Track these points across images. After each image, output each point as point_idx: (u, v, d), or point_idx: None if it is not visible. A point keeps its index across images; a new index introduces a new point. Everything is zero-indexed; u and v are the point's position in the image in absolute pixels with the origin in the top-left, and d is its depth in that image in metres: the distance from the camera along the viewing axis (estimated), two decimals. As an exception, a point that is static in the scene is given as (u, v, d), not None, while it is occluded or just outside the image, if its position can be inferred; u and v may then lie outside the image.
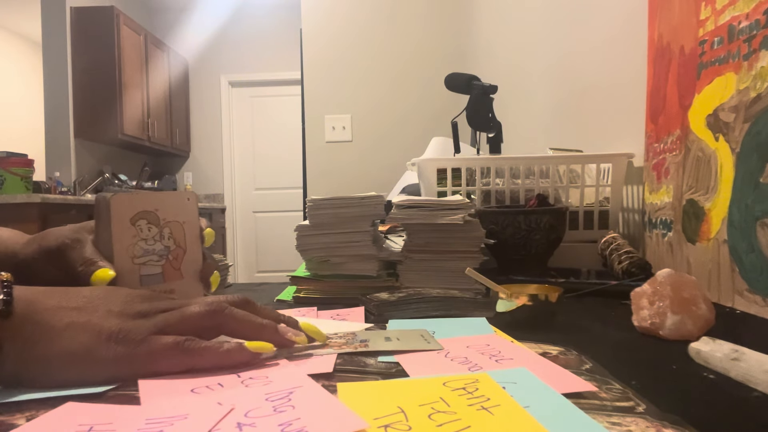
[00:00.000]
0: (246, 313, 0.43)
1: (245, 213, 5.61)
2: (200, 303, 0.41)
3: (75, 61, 4.20)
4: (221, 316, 0.41)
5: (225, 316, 0.41)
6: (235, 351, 0.39)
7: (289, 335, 0.43)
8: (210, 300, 0.42)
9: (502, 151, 1.26)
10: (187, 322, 0.40)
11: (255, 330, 0.42)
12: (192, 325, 0.40)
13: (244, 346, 0.40)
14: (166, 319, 0.39)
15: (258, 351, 0.40)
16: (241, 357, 0.40)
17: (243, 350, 0.40)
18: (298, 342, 0.43)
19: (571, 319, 0.59)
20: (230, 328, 0.42)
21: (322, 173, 2.79)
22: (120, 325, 0.38)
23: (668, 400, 0.34)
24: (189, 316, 0.40)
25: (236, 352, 0.39)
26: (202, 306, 0.41)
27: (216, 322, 0.41)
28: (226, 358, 0.39)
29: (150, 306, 0.40)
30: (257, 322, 0.42)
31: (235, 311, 0.42)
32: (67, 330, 0.37)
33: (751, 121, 0.63)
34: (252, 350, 0.40)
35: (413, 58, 2.77)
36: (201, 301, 0.42)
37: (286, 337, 0.43)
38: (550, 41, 1.63)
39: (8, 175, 2.99)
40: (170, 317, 0.40)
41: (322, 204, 0.77)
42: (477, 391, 0.34)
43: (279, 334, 0.43)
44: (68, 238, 0.49)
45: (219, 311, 0.41)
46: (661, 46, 0.90)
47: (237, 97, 5.59)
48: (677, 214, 0.82)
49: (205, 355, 0.39)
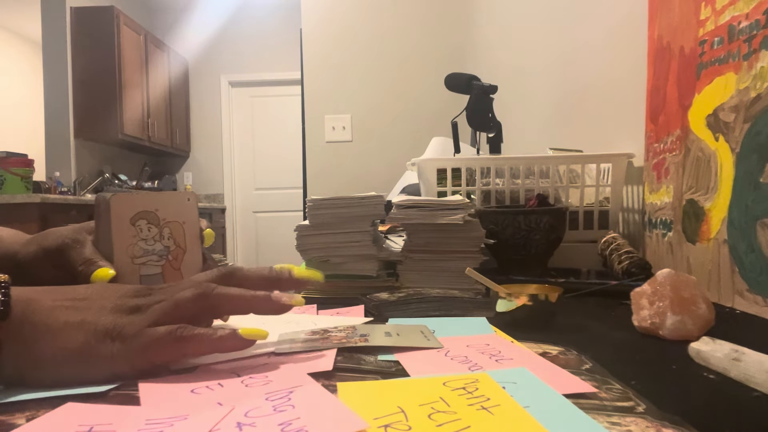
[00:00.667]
0: (235, 289, 0.42)
1: (245, 213, 5.61)
2: (189, 288, 0.41)
3: (75, 61, 4.21)
4: (212, 297, 0.40)
5: (215, 296, 0.41)
6: (229, 337, 0.39)
7: (284, 300, 0.42)
8: (197, 281, 0.42)
9: (502, 151, 1.26)
10: (179, 309, 0.39)
11: (248, 303, 0.41)
12: (185, 311, 0.40)
13: (238, 333, 0.39)
14: (160, 310, 0.39)
15: (252, 338, 0.40)
16: (234, 343, 0.39)
17: (236, 337, 0.39)
18: (294, 304, 0.42)
19: (571, 319, 0.59)
20: (223, 307, 0.41)
21: (322, 173, 2.79)
22: (114, 321, 0.38)
23: (668, 400, 0.34)
24: (180, 303, 0.40)
25: (229, 339, 0.39)
26: (191, 291, 0.40)
27: (208, 303, 0.40)
28: (220, 345, 0.39)
29: (144, 300, 0.40)
30: (248, 295, 0.42)
31: (224, 289, 0.41)
32: (63, 329, 0.37)
33: (751, 121, 0.63)
34: (246, 337, 0.39)
35: (413, 58, 2.78)
36: (189, 284, 0.41)
37: (282, 303, 0.42)
38: (550, 41, 1.63)
39: (8, 175, 2.99)
40: (163, 307, 0.39)
41: (322, 204, 0.77)
42: (477, 390, 0.34)
43: (273, 302, 0.42)
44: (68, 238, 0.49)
45: (207, 293, 0.40)
46: (661, 46, 0.90)
47: (237, 97, 5.59)
48: (677, 214, 0.82)
49: (199, 342, 0.38)
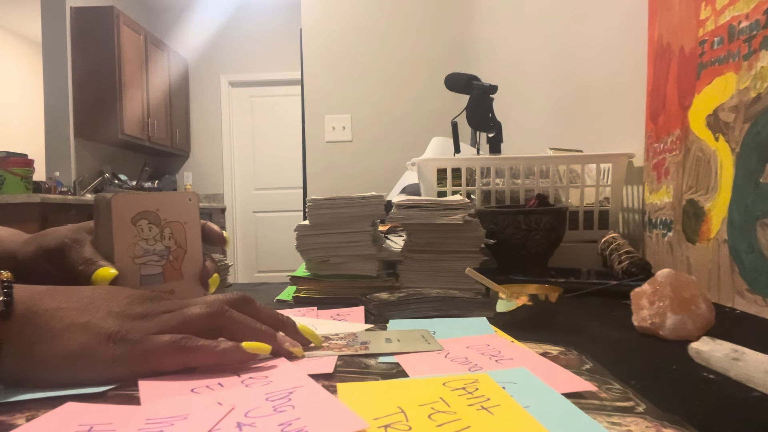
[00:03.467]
0: (245, 317, 0.43)
1: (245, 213, 5.61)
2: (201, 304, 0.42)
3: (75, 61, 4.20)
4: (221, 318, 0.41)
5: (225, 318, 0.41)
6: (231, 351, 0.39)
7: (286, 345, 0.43)
8: (210, 301, 0.42)
9: (502, 151, 1.26)
10: (187, 324, 0.40)
11: (253, 335, 0.42)
12: (192, 327, 0.40)
13: (241, 346, 0.40)
14: (167, 321, 0.40)
15: (254, 352, 0.40)
16: (237, 357, 0.40)
17: (239, 350, 0.40)
18: (294, 353, 0.43)
19: (571, 319, 0.59)
20: (229, 330, 0.42)
21: (322, 173, 2.79)
22: (119, 325, 0.38)
23: (668, 400, 0.34)
24: (189, 318, 0.40)
25: (232, 352, 0.39)
26: (202, 308, 0.41)
27: (216, 323, 0.41)
28: (222, 358, 0.39)
29: (151, 307, 0.40)
30: (256, 328, 0.42)
31: (235, 314, 0.42)
32: (66, 331, 0.37)
33: (751, 121, 0.63)
34: (248, 351, 0.40)
35: (413, 57, 2.77)
36: (202, 301, 0.42)
37: (284, 347, 0.43)
38: (550, 41, 1.63)
39: (8, 175, 2.99)
40: (171, 319, 0.40)
41: (322, 204, 0.77)
42: (477, 391, 0.34)
43: (277, 342, 0.43)
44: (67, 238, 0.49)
45: (219, 313, 0.41)
46: (661, 46, 0.90)
47: (237, 97, 5.59)
48: (677, 214, 0.82)
49: (201, 354, 0.39)
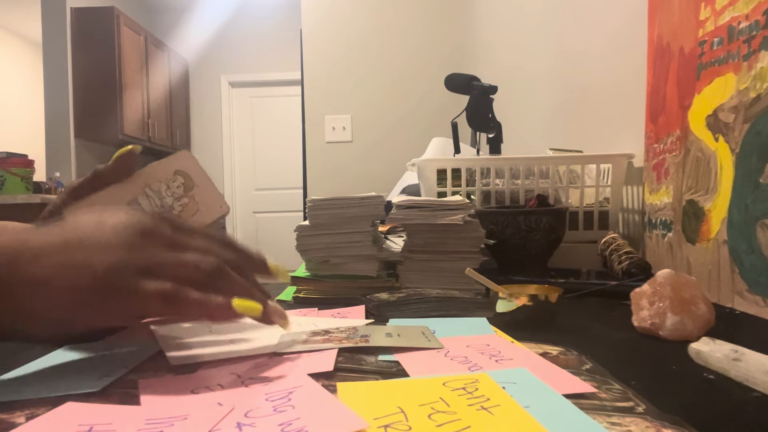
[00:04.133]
0: (242, 281, 0.41)
1: (245, 213, 5.61)
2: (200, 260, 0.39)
3: (75, 61, 4.21)
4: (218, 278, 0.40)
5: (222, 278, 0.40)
6: (221, 309, 0.38)
7: (274, 317, 0.42)
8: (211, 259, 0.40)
9: (502, 152, 1.26)
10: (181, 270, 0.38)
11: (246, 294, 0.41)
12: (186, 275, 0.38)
13: (231, 306, 0.39)
14: (161, 262, 0.38)
15: (244, 311, 0.39)
16: (226, 316, 0.39)
17: (229, 309, 0.39)
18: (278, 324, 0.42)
19: (571, 319, 0.59)
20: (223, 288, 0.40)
21: (323, 173, 2.79)
22: (109, 264, 0.36)
23: (668, 401, 0.34)
24: (185, 265, 0.38)
25: (221, 310, 0.38)
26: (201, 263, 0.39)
27: (212, 279, 0.39)
28: (211, 316, 0.39)
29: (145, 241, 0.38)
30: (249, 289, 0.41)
31: (233, 276, 0.41)
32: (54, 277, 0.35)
33: (751, 122, 0.63)
34: (238, 311, 0.39)
35: (413, 58, 2.77)
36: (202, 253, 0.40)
37: (271, 318, 0.41)
38: (550, 41, 1.63)
39: (8, 175, 2.99)
40: (166, 260, 0.38)
41: (322, 204, 0.77)
42: (477, 391, 0.34)
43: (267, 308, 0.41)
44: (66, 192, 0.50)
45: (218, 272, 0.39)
46: (661, 47, 0.90)
47: (237, 97, 5.59)
48: (677, 215, 0.83)
49: (190, 309, 0.38)
